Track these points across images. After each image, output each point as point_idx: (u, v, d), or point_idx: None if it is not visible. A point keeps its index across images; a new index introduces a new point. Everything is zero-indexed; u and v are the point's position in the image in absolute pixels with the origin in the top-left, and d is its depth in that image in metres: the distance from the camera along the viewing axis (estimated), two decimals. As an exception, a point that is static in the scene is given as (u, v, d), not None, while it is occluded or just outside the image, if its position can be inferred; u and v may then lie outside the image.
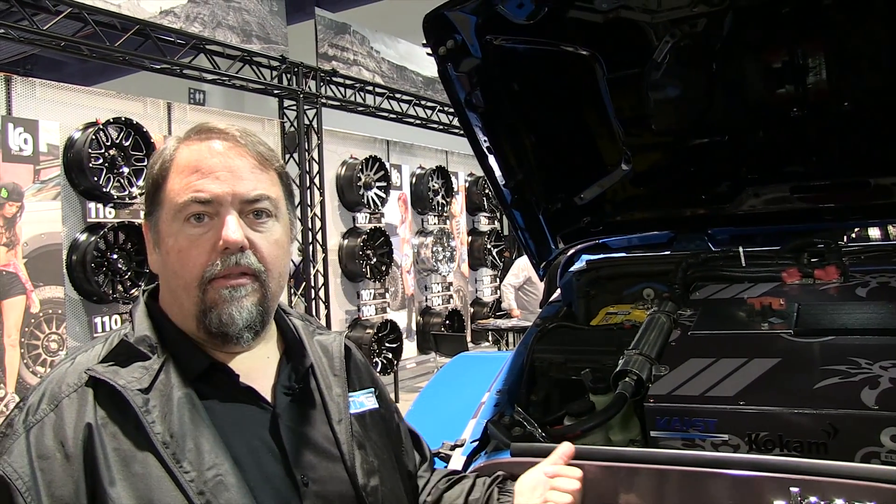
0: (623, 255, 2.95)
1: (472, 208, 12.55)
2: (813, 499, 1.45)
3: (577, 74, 2.44)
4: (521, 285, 9.57)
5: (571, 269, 2.98)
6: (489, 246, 12.45)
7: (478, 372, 2.96)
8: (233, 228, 1.31)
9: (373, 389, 1.61)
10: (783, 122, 2.43)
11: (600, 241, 2.96)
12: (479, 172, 12.35)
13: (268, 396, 1.40)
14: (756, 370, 1.84)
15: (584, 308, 2.83)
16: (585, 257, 2.99)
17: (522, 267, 9.63)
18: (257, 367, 1.43)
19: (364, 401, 1.56)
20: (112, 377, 1.26)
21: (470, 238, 12.49)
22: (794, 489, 1.47)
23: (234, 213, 1.33)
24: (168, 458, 1.22)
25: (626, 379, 1.93)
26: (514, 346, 9.85)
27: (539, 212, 2.74)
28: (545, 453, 1.74)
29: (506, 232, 13.23)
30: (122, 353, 1.31)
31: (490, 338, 11.41)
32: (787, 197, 2.60)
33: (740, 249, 2.51)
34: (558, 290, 3.00)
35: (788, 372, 1.82)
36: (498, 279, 12.41)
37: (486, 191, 12.37)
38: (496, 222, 13.13)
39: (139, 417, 1.24)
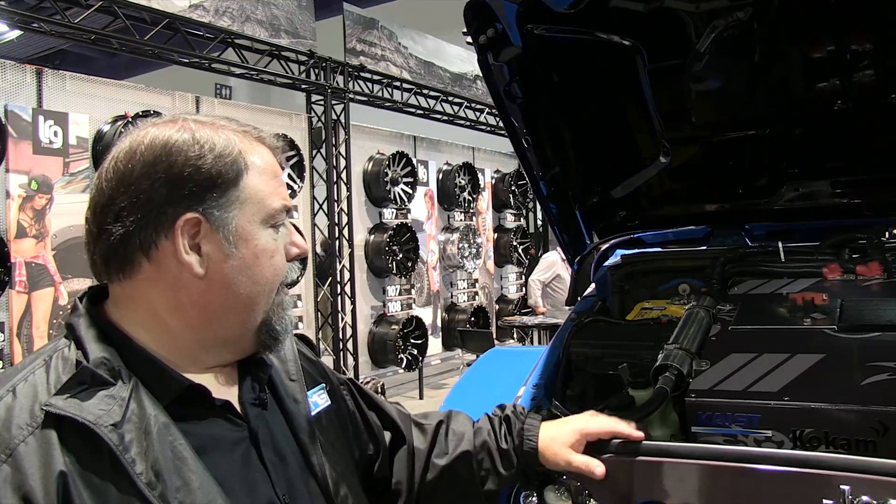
0: (659, 249, 2.91)
1: (499, 205, 12.48)
2: (865, 498, 1.42)
3: (618, 65, 2.41)
4: (549, 281, 9.52)
5: (606, 263, 2.95)
6: (515, 243, 12.37)
7: (510, 367, 2.93)
8: (302, 237, 1.34)
9: (324, 385, 1.53)
10: (826, 116, 2.39)
11: (635, 235, 2.93)
12: (506, 169, 12.42)
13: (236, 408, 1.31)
14: (800, 366, 1.80)
15: (619, 303, 2.80)
16: (620, 252, 2.96)
17: (551, 262, 9.59)
18: (219, 378, 1.31)
19: (318, 399, 1.48)
20: (77, 412, 1.07)
21: (496, 235, 12.42)
22: (844, 487, 1.43)
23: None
24: (155, 502, 1.07)
25: (667, 374, 1.90)
26: (540, 343, 9.84)
27: (575, 205, 2.71)
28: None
29: (531, 229, 13.18)
30: (85, 381, 1.11)
31: (515, 335, 11.37)
32: (828, 192, 2.55)
33: (779, 245, 2.47)
34: (592, 285, 2.97)
35: (833, 368, 1.78)
36: (524, 276, 12.36)
37: (513, 188, 12.32)
38: (522, 219, 13.09)
39: (117, 457, 1.06)
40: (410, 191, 9.78)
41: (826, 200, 2.57)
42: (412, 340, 9.72)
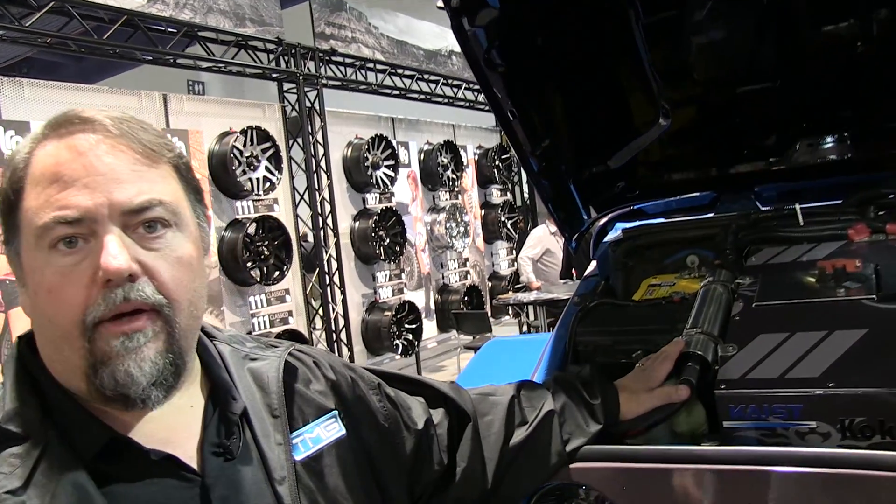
0: (662, 220, 2.70)
1: (483, 181, 12.30)
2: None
3: (608, 21, 2.18)
4: (539, 257, 9.37)
5: (606, 239, 2.74)
6: (503, 218, 12.20)
7: (512, 357, 2.74)
8: (114, 252, 0.98)
9: (335, 413, 1.28)
10: (844, 62, 2.16)
11: (635, 206, 2.71)
12: (488, 144, 12.28)
13: (193, 461, 1.08)
14: (841, 344, 1.59)
15: (624, 281, 2.59)
16: (620, 225, 2.75)
17: (539, 238, 9.46)
18: (177, 422, 1.10)
19: (320, 434, 1.23)
20: None
21: (483, 211, 12.26)
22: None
23: (114, 230, 1.00)
24: None
25: (690, 363, 1.69)
26: (537, 318, 9.69)
27: (569, 179, 2.49)
28: (610, 458, 1.52)
29: (519, 203, 13.02)
30: None
31: (510, 311, 11.22)
32: (846, 146, 2.33)
33: (797, 206, 2.25)
34: (593, 264, 2.76)
35: (880, 345, 1.57)
36: (514, 251, 12.20)
37: (497, 162, 12.15)
38: (508, 193, 12.93)
39: None
40: (392, 174, 9.57)
41: (844, 155, 2.35)
42: (406, 325, 9.55)
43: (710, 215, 2.59)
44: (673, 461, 1.45)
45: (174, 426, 1.09)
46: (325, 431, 1.24)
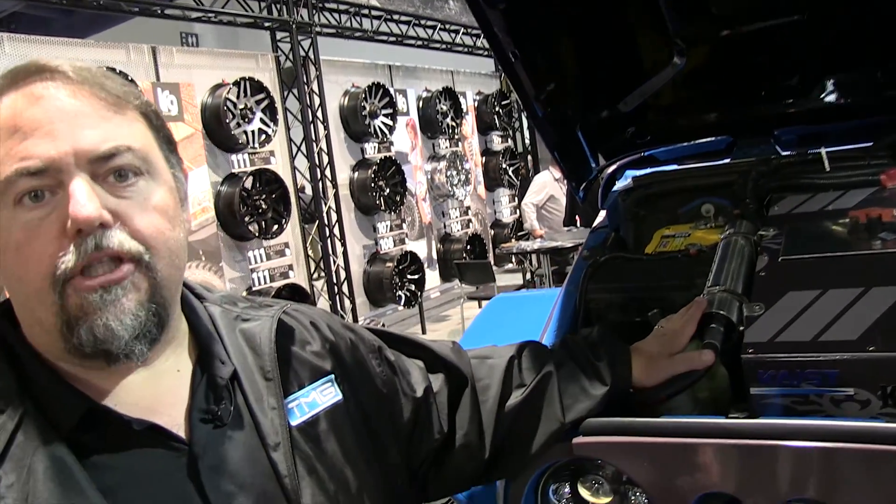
0: (675, 167, 2.54)
1: (484, 128, 12.08)
2: None
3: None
4: (543, 203, 9.22)
5: (615, 188, 2.59)
6: (504, 165, 12.03)
7: (518, 314, 2.61)
8: (82, 199, 0.91)
9: (332, 376, 1.20)
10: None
11: (646, 153, 2.55)
12: (488, 90, 12.05)
13: (181, 429, 1.01)
14: (880, 302, 1.46)
15: (635, 232, 2.45)
16: (630, 174, 2.59)
17: (543, 184, 9.30)
18: (163, 388, 1.03)
19: (316, 399, 1.16)
20: None
21: (484, 159, 12.05)
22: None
23: (82, 176, 0.93)
24: None
25: (713, 325, 1.56)
26: (539, 266, 9.57)
27: (576, 125, 2.33)
28: (628, 431, 1.39)
29: (520, 149, 12.83)
30: None
31: (514, 260, 11.11)
32: (877, 84, 2.16)
33: (822, 151, 2.09)
34: (601, 214, 2.61)
35: (925, 302, 1.44)
36: (516, 198, 12.04)
37: (497, 108, 11.93)
38: (509, 140, 12.72)
39: None
40: (391, 122, 9.38)
41: (874, 94, 2.18)
42: (409, 276, 9.47)
43: (727, 161, 2.44)
44: (699, 435, 1.32)
45: (159, 393, 1.03)
46: (322, 396, 1.17)
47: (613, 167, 2.58)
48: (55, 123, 0.93)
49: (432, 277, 10.46)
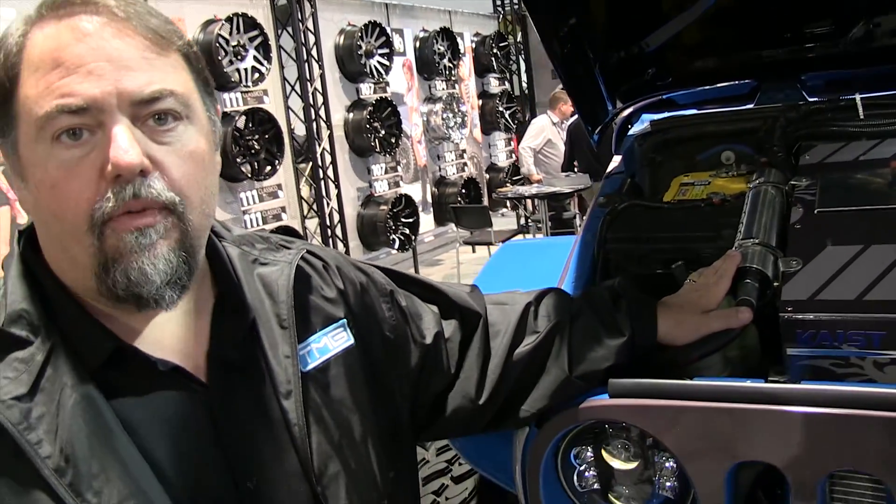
0: (695, 111, 2.42)
1: (481, 70, 11.89)
2: None
3: None
4: (540, 147, 9.10)
5: (631, 132, 2.47)
6: (501, 108, 11.89)
7: (530, 261, 2.51)
8: (124, 145, 0.91)
9: (344, 321, 1.20)
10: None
11: (665, 96, 2.43)
12: (486, 31, 11.88)
13: (201, 371, 1.04)
14: (928, 260, 1.37)
15: (651, 178, 2.33)
16: (647, 117, 2.47)
17: (541, 128, 9.19)
18: (184, 330, 1.06)
19: (328, 344, 1.17)
20: None
21: (480, 101, 11.89)
22: None
23: (123, 121, 0.92)
24: (64, 492, 0.88)
25: (748, 280, 1.46)
26: (536, 213, 9.48)
27: (595, 65, 2.19)
28: (660, 393, 1.29)
29: (517, 92, 12.64)
30: None
31: (509, 204, 11.01)
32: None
33: (857, 97, 1.97)
34: (616, 160, 2.50)
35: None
36: (513, 142, 11.89)
37: (494, 50, 11.77)
38: (506, 83, 12.52)
39: (18, 439, 0.88)
40: (387, 62, 9.18)
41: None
42: (403, 219, 9.36)
43: (750, 107, 2.32)
44: (740, 400, 1.22)
45: (181, 335, 1.05)
46: (333, 341, 1.18)
47: (629, 110, 2.46)
48: (99, 62, 0.92)
49: (426, 221, 10.36)
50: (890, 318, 1.29)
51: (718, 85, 2.36)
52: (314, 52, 8.33)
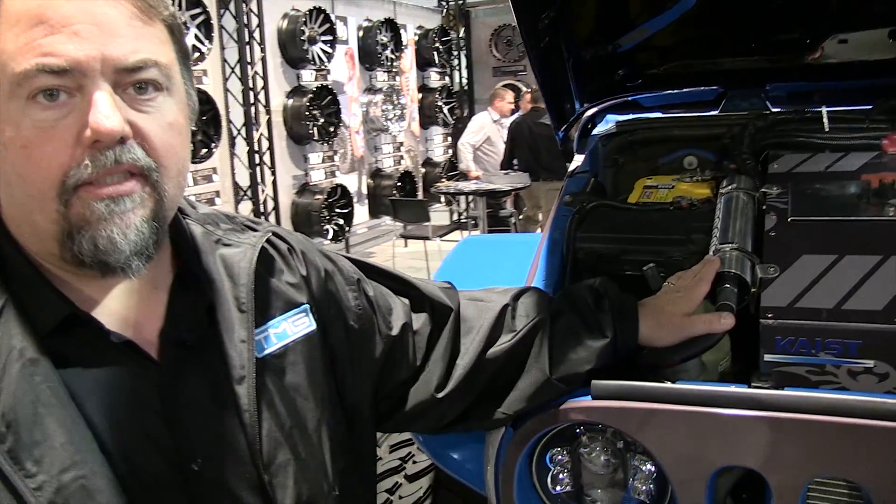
0: (660, 115, 2.43)
1: (422, 63, 11.84)
2: None
3: None
4: (479, 144, 9.11)
5: (595, 132, 2.47)
6: (440, 103, 11.88)
7: (492, 258, 2.49)
8: (105, 111, 0.89)
9: (306, 307, 1.18)
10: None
11: (631, 98, 2.44)
12: (429, 25, 11.82)
13: (153, 348, 1.02)
14: (900, 272, 1.39)
15: (613, 179, 2.33)
16: (612, 118, 2.48)
17: (481, 125, 9.21)
18: (140, 303, 1.04)
19: (287, 329, 1.15)
20: None
21: (420, 95, 11.83)
22: None
23: (105, 87, 0.90)
24: (1, 459, 0.86)
25: (727, 285, 1.46)
26: (473, 209, 9.49)
27: (569, 60, 2.18)
28: (644, 396, 1.28)
29: (457, 88, 12.63)
30: None
31: (443, 199, 11.00)
32: (886, 44, 2.07)
33: (823, 109, 2.00)
34: (578, 158, 2.49)
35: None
36: (451, 138, 11.88)
37: (437, 44, 11.72)
38: (447, 78, 12.49)
39: None
40: (330, 50, 9.07)
41: (881, 55, 2.09)
42: (337, 210, 9.25)
43: (715, 113, 2.34)
44: (725, 405, 1.22)
45: (138, 308, 1.03)
46: (293, 326, 1.17)
47: (594, 109, 2.46)
48: (86, 24, 0.89)
49: (361, 212, 10.28)
50: (867, 328, 1.31)
51: (685, 90, 2.37)
52: (256, 35, 8.17)
